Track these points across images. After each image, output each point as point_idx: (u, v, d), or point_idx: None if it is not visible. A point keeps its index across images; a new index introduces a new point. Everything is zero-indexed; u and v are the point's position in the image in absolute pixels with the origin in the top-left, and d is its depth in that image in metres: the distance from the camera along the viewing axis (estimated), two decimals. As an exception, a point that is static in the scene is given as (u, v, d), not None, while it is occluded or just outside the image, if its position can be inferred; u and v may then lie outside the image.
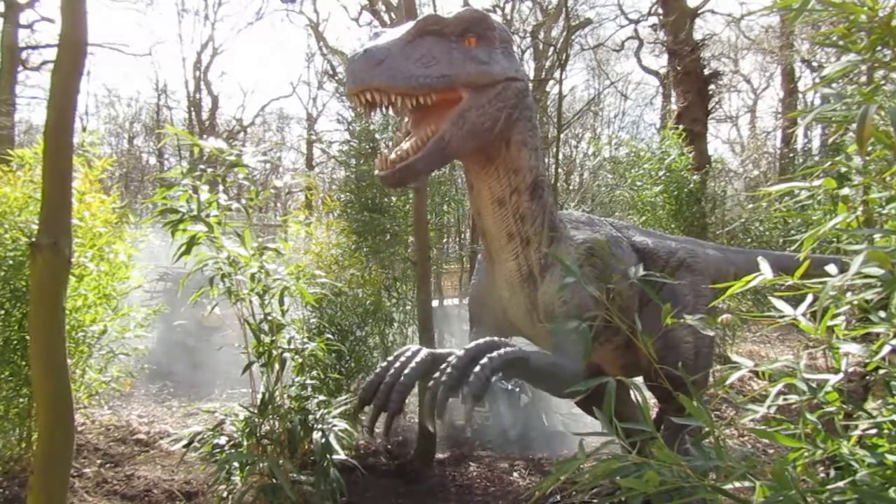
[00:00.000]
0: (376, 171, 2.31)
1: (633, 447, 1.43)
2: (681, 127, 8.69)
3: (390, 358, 2.40)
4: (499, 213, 2.59)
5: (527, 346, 2.81)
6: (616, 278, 2.61)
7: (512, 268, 2.72)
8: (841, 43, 1.49)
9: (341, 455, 3.39)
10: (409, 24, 2.26)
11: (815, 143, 14.67)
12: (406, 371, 2.26)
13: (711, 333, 1.77)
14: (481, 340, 2.19)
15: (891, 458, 1.31)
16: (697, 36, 11.31)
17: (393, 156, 2.26)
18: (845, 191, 1.51)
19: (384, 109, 2.21)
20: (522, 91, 2.46)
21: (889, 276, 1.29)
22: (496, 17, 2.50)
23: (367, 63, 2.09)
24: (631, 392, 1.75)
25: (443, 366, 2.12)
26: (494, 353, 2.09)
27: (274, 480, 3.20)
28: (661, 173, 8.26)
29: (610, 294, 2.58)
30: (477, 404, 2.01)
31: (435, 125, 2.26)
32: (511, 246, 2.67)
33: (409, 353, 2.40)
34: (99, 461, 4.86)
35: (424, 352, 2.40)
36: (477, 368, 2.02)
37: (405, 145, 2.27)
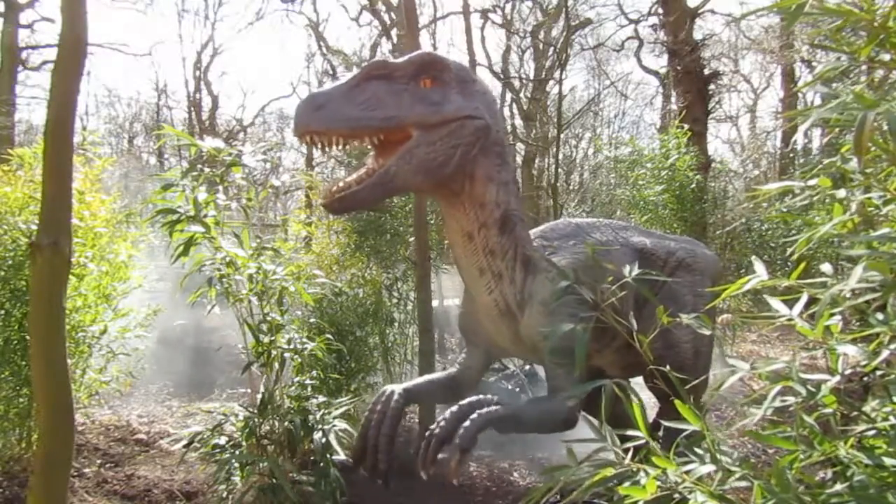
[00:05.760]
0: (320, 201, 2.44)
1: (630, 451, 1.43)
2: (686, 127, 8.68)
3: (369, 408, 2.66)
4: (469, 247, 2.62)
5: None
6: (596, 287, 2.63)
7: (489, 303, 2.74)
8: (830, 44, 1.49)
9: (341, 455, 3.39)
10: (356, 71, 2.39)
11: (816, 143, 14.66)
12: (384, 430, 2.54)
13: (709, 332, 1.78)
14: (473, 399, 2.40)
15: (888, 461, 1.31)
16: (697, 36, 11.31)
17: (339, 186, 2.38)
18: (842, 192, 1.51)
19: (330, 149, 2.32)
20: (482, 129, 2.46)
21: (887, 281, 1.29)
22: (452, 58, 2.56)
23: (308, 108, 2.22)
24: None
25: (439, 419, 2.37)
26: (483, 410, 2.30)
27: (274, 480, 3.20)
28: (663, 173, 8.26)
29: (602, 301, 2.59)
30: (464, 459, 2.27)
31: (385, 160, 2.36)
32: (483, 281, 2.68)
33: (384, 399, 2.65)
34: (99, 461, 4.86)
35: (398, 394, 2.65)
36: (466, 423, 2.24)
37: (351, 177, 2.39)
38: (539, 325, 2.62)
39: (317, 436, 3.36)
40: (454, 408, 2.36)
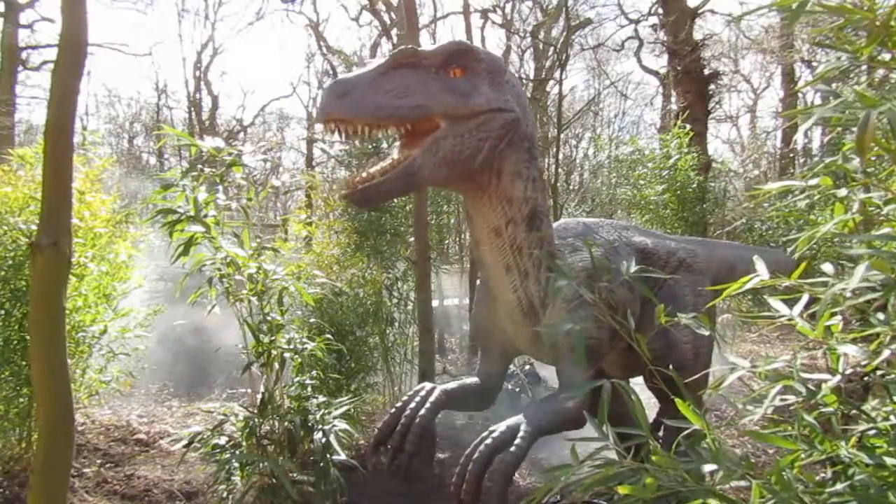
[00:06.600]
0: (341, 192, 2.36)
1: (631, 450, 1.43)
2: (688, 127, 8.69)
3: (405, 398, 2.58)
4: (496, 243, 2.57)
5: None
6: (605, 288, 2.62)
7: (512, 301, 2.68)
8: (831, 43, 1.48)
9: (341, 455, 3.39)
10: (385, 58, 2.30)
11: (816, 143, 14.67)
12: (421, 412, 2.44)
13: (707, 333, 1.77)
14: (506, 426, 2.39)
15: (889, 460, 1.30)
16: (697, 36, 11.31)
17: (362, 176, 2.29)
18: (842, 192, 1.51)
19: (355, 137, 2.24)
20: (511, 122, 2.40)
21: (889, 281, 1.29)
22: (484, 48, 2.51)
23: (332, 95, 2.13)
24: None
25: (478, 441, 2.35)
26: (513, 448, 2.32)
27: (274, 480, 3.20)
28: (664, 172, 8.27)
29: (612, 304, 2.58)
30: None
31: (410, 151, 2.27)
32: (509, 279, 2.63)
33: (423, 393, 2.60)
34: (99, 461, 4.86)
35: (438, 391, 2.60)
36: (493, 477, 2.25)
37: (375, 168, 2.30)
38: (561, 322, 2.58)
39: (317, 436, 3.35)
40: (488, 440, 2.36)
